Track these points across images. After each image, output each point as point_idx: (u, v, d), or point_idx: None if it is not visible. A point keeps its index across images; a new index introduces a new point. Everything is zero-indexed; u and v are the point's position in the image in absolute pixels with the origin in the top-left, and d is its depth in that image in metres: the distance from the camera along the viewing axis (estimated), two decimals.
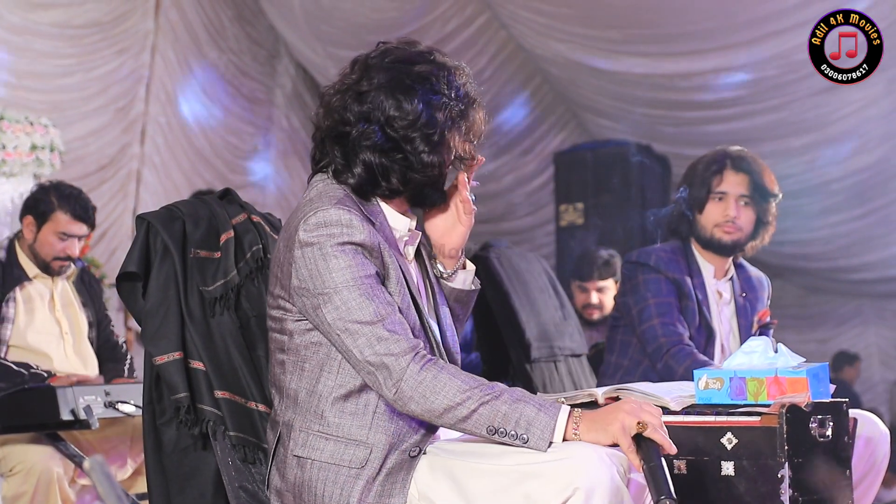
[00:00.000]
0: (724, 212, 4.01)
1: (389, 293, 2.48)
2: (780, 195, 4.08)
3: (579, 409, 2.37)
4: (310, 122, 10.60)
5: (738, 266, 4.16)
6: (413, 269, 2.63)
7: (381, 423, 2.47)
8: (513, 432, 2.33)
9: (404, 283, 2.53)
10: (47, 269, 4.67)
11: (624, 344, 4.12)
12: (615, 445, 2.34)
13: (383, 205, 2.59)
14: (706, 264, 4.09)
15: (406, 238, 2.63)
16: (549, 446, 2.32)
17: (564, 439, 2.33)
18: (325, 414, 2.48)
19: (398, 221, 2.61)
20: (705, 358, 3.82)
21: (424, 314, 2.57)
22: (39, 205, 4.68)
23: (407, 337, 2.41)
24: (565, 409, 2.34)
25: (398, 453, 2.47)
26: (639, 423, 2.31)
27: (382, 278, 2.49)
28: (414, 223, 2.65)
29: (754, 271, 4.22)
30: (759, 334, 4.09)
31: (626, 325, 4.12)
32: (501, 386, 2.39)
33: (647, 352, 3.96)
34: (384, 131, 2.51)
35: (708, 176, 4.01)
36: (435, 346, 2.58)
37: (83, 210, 4.68)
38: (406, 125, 2.51)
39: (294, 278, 2.47)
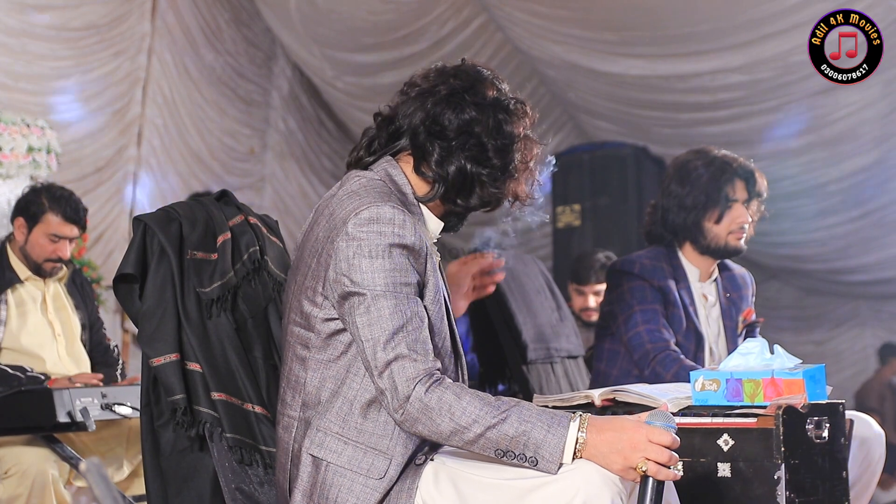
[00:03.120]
0: (739, 219, 3.99)
1: (425, 304, 2.47)
2: (765, 195, 4.08)
3: (585, 420, 2.31)
4: (306, 123, 10.62)
5: (721, 266, 4.15)
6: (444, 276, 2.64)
7: (401, 434, 2.45)
8: (521, 455, 2.31)
9: (442, 291, 2.53)
10: (39, 270, 4.67)
11: (612, 353, 4.10)
12: None
13: (422, 206, 2.59)
14: (692, 268, 4.07)
15: (434, 241, 2.63)
16: (559, 469, 2.29)
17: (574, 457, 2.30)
18: (349, 418, 2.46)
19: (433, 224, 2.62)
20: (692, 363, 3.81)
21: (453, 322, 2.57)
22: (31, 206, 4.68)
23: (425, 358, 2.38)
24: (573, 428, 2.30)
25: (410, 463, 2.46)
26: (640, 466, 2.26)
27: (421, 287, 2.48)
28: (441, 226, 2.65)
29: (738, 269, 4.20)
30: (745, 334, 4.09)
31: (612, 334, 4.09)
32: (508, 403, 2.35)
33: (634, 359, 3.94)
34: (483, 147, 2.54)
35: (722, 184, 3.97)
36: (457, 357, 2.58)
37: (74, 212, 4.68)
38: (501, 147, 2.55)
39: (332, 269, 2.45)
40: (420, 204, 2.58)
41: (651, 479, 2.27)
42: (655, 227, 4.10)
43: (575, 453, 2.29)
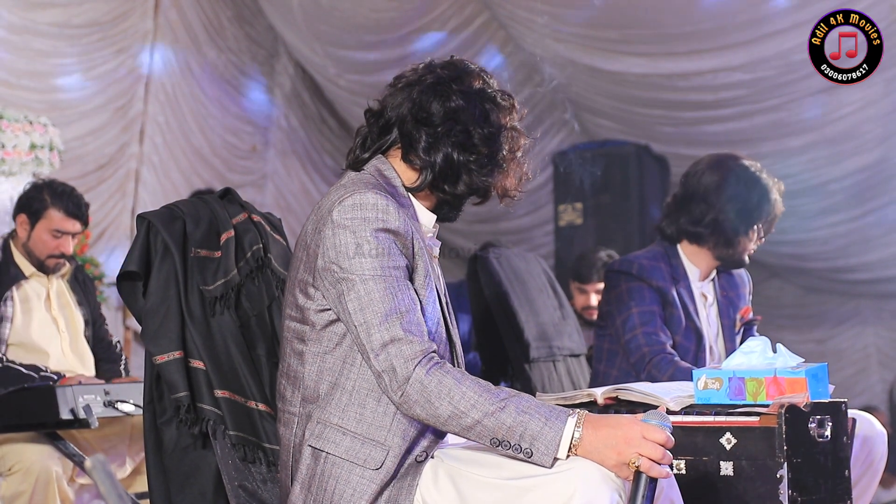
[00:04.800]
0: (759, 237, 4.01)
1: (415, 288, 2.48)
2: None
3: (582, 417, 2.32)
4: (308, 121, 10.61)
5: (718, 267, 4.15)
6: (438, 268, 2.65)
7: (399, 425, 2.46)
8: (517, 445, 2.31)
9: (432, 278, 2.53)
10: (42, 267, 4.68)
11: (611, 353, 4.10)
12: None
13: (412, 198, 2.60)
14: (692, 268, 4.06)
15: (430, 235, 2.64)
16: (553, 462, 2.30)
17: (569, 453, 2.31)
18: (347, 408, 2.47)
19: (425, 216, 2.63)
20: (688, 365, 3.80)
21: (447, 312, 2.58)
22: (33, 203, 4.69)
23: (421, 339, 2.39)
24: (571, 423, 2.31)
25: (409, 457, 2.46)
26: (634, 462, 2.27)
27: (410, 271, 2.49)
28: (434, 218, 2.66)
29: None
30: (743, 332, 4.09)
31: (611, 335, 4.09)
32: (508, 393, 2.36)
33: (631, 362, 3.93)
34: (469, 134, 2.55)
35: (772, 199, 3.97)
36: (452, 345, 2.59)
37: (76, 207, 4.69)
38: (488, 135, 2.57)
39: (320, 258, 2.46)
40: (411, 196, 2.60)
41: (644, 476, 2.28)
42: (692, 225, 4.00)
43: (570, 449, 2.30)
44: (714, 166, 4.04)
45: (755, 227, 3.99)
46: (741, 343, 3.64)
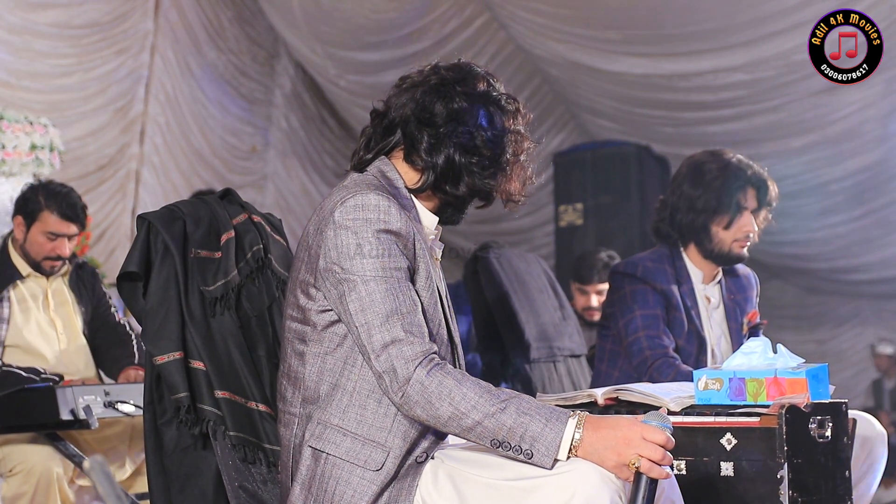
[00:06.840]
0: (745, 227, 3.95)
1: (416, 289, 2.48)
2: (774, 204, 4.04)
3: (583, 418, 2.32)
4: (309, 121, 10.61)
5: (725, 268, 4.13)
6: (439, 269, 2.65)
7: (400, 426, 2.46)
8: (517, 447, 2.31)
9: (433, 279, 2.54)
10: (39, 268, 4.65)
11: (613, 354, 4.09)
12: None
13: (415, 200, 2.60)
14: (696, 270, 4.04)
15: (432, 237, 2.64)
16: (554, 464, 2.30)
17: (569, 454, 2.31)
18: (348, 409, 2.47)
19: (427, 218, 2.63)
20: (689, 368, 3.79)
21: (448, 313, 2.58)
22: (28, 204, 4.65)
23: (422, 340, 2.40)
24: (571, 424, 2.31)
25: (409, 458, 2.46)
26: (634, 462, 2.27)
27: (412, 272, 2.49)
28: (437, 220, 2.66)
29: (742, 269, 4.17)
30: (748, 336, 4.07)
31: (614, 336, 4.08)
32: (508, 394, 2.36)
33: (633, 364, 3.92)
34: (472, 136, 2.55)
35: (735, 191, 3.92)
36: (453, 347, 2.59)
37: (71, 209, 4.62)
38: (491, 138, 2.57)
39: (322, 259, 2.46)
40: (414, 198, 2.60)
41: (644, 477, 2.28)
42: (663, 224, 4.06)
43: (570, 450, 2.30)
44: (680, 166, 4.10)
45: (719, 218, 3.95)
46: None
